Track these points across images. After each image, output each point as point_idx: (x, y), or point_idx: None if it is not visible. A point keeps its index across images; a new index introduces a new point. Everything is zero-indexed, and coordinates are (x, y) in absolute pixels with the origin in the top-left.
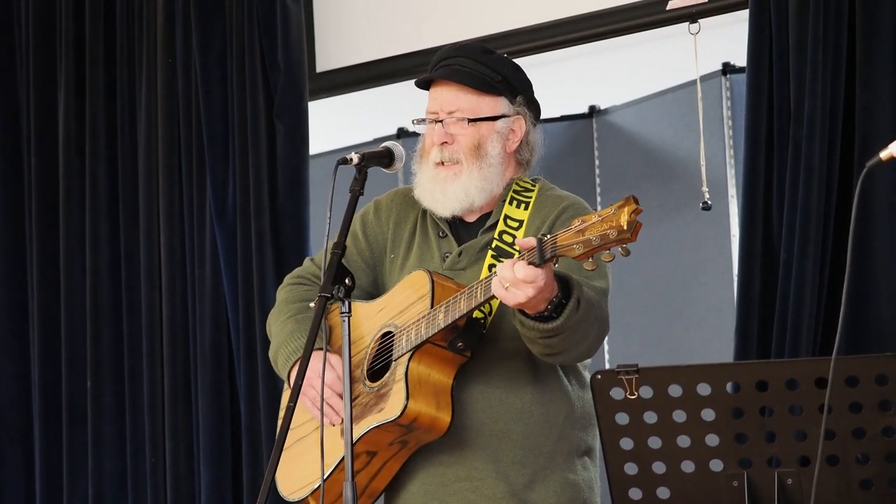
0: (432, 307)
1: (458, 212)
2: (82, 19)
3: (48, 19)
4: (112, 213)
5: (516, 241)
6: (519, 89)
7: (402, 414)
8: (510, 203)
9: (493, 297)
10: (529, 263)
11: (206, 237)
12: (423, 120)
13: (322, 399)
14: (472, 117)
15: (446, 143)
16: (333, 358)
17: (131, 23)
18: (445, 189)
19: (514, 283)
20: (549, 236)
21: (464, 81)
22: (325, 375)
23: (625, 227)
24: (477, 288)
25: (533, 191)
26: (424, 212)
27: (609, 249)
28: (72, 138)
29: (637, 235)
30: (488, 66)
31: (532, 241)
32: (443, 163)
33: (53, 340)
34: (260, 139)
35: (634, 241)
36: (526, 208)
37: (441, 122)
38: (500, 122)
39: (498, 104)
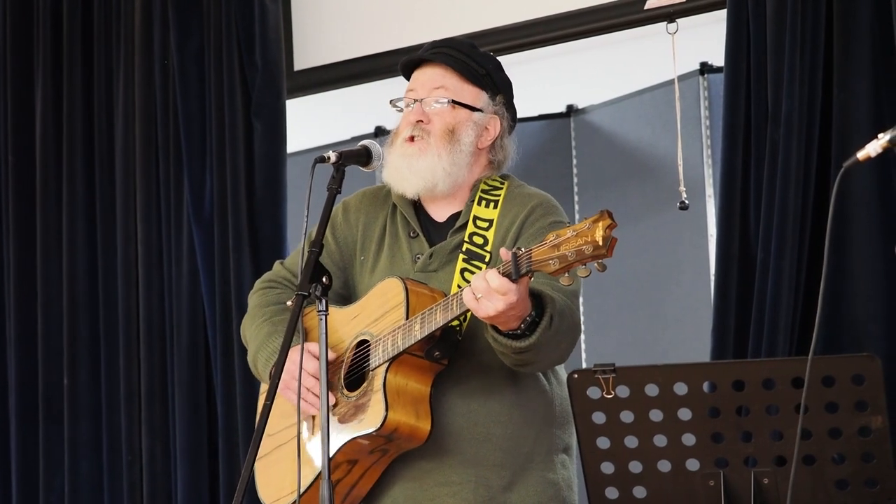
0: (407, 317)
1: (422, 191)
2: (60, 17)
3: (25, 17)
4: (89, 212)
5: (500, 251)
6: (500, 89)
7: (382, 426)
8: (479, 203)
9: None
10: (503, 275)
11: (183, 235)
12: (402, 104)
13: (300, 384)
14: (454, 98)
15: (421, 121)
16: (313, 346)
17: (109, 21)
18: (412, 165)
19: (487, 293)
20: (523, 250)
21: (451, 65)
22: (309, 365)
23: (600, 243)
24: (453, 300)
25: (501, 189)
26: (394, 211)
27: (585, 265)
28: (49, 136)
29: (613, 251)
30: (475, 59)
31: (508, 254)
32: (412, 138)
33: (30, 338)
34: (237, 137)
35: (610, 256)
36: (495, 207)
37: (420, 101)
38: (477, 115)
39: (479, 97)
